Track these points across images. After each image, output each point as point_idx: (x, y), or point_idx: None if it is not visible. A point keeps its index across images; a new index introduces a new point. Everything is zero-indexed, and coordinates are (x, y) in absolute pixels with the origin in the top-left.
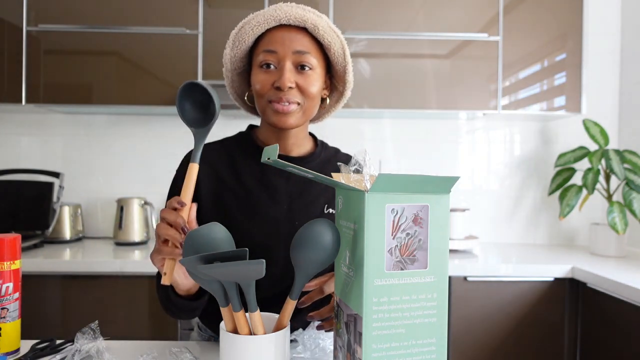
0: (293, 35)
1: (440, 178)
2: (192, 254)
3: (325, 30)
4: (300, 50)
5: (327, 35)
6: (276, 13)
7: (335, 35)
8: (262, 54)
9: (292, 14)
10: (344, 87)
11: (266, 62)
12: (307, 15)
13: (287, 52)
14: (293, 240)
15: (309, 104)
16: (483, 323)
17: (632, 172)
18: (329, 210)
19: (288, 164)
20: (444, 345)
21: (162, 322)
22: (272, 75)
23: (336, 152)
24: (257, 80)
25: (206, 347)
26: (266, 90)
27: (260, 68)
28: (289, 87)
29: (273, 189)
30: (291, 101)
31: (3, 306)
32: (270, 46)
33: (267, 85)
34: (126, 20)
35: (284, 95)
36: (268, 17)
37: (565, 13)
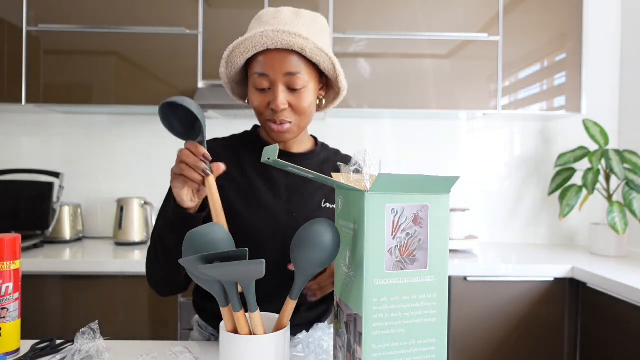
0: (282, 58)
1: (440, 178)
2: (192, 253)
3: (313, 51)
4: (290, 72)
5: (315, 56)
6: (263, 40)
7: (324, 54)
8: (254, 76)
9: (278, 40)
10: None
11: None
12: (293, 40)
13: (278, 75)
14: (293, 240)
15: (301, 119)
16: (483, 323)
17: (632, 172)
18: (326, 204)
19: (288, 164)
20: (444, 345)
21: (162, 322)
22: (267, 96)
23: (336, 153)
24: (253, 99)
25: (206, 347)
26: (263, 110)
27: (255, 89)
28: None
29: (273, 182)
30: (285, 121)
31: (3, 306)
32: (261, 70)
33: (262, 105)
34: (126, 20)
35: (277, 116)
36: (256, 43)
37: (565, 13)
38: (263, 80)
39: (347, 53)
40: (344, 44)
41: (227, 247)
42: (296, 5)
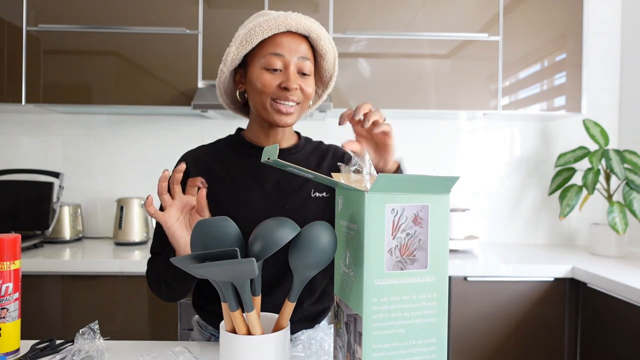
0: (298, 42)
1: (440, 178)
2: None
3: (325, 41)
4: (303, 56)
5: (325, 45)
6: (287, 21)
7: (332, 46)
8: (268, 56)
9: (301, 23)
10: (324, 91)
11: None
12: (313, 25)
13: (292, 57)
14: (291, 243)
15: (305, 104)
16: (483, 323)
17: (632, 172)
18: (315, 194)
19: (288, 164)
20: (444, 345)
21: (162, 322)
22: (278, 77)
23: (320, 143)
24: (261, 79)
25: (206, 347)
26: (270, 90)
27: (265, 70)
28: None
29: (262, 178)
30: (294, 100)
31: (3, 306)
32: (278, 50)
33: (272, 85)
34: (126, 20)
35: (290, 94)
36: (280, 23)
37: (565, 13)
38: (277, 60)
39: (347, 53)
40: (344, 44)
41: (235, 244)
42: (296, 5)
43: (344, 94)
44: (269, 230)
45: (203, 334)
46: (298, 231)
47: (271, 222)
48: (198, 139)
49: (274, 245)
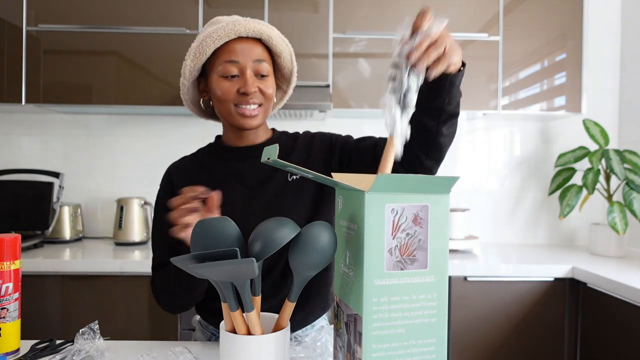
0: (251, 46)
1: (440, 178)
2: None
3: (277, 40)
4: (258, 59)
5: (278, 44)
6: (236, 28)
7: (285, 44)
8: (224, 64)
9: (250, 27)
10: (288, 86)
11: (230, 73)
12: (262, 28)
13: (248, 62)
14: (291, 244)
15: (267, 105)
16: (483, 323)
17: (632, 172)
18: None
19: (288, 164)
20: (444, 345)
21: (162, 322)
22: (235, 83)
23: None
24: (220, 87)
25: (206, 347)
26: (231, 96)
27: (223, 77)
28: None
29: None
30: (256, 103)
31: (3, 306)
32: (232, 57)
33: (231, 92)
34: (126, 20)
35: (250, 98)
36: (229, 31)
37: (565, 13)
38: (233, 67)
39: (347, 53)
40: (344, 44)
41: (235, 244)
42: (296, 6)
43: (344, 94)
44: (269, 230)
45: (205, 333)
46: (298, 231)
47: (271, 222)
48: (198, 139)
49: (274, 245)
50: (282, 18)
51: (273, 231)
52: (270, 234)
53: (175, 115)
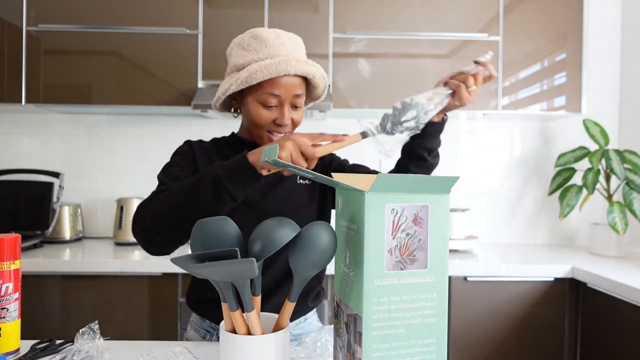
0: (295, 82)
1: (440, 178)
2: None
3: (319, 79)
4: (298, 94)
5: (319, 81)
6: (287, 68)
7: (324, 81)
8: (265, 95)
9: (299, 69)
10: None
11: (269, 104)
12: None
13: (288, 96)
14: (291, 243)
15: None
16: (483, 323)
17: (632, 172)
18: (300, 181)
19: (288, 164)
20: (443, 345)
21: (162, 322)
22: (273, 112)
23: None
24: (258, 114)
25: (206, 347)
26: (265, 124)
27: (261, 105)
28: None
29: None
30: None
31: (3, 306)
32: (274, 90)
33: (267, 120)
34: (126, 20)
35: (282, 129)
36: (280, 69)
37: (565, 13)
38: (273, 99)
39: (347, 53)
40: (344, 44)
41: (235, 244)
42: (296, 5)
43: (344, 94)
44: (269, 230)
45: (198, 331)
46: (298, 231)
47: (271, 222)
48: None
49: (274, 245)
50: (282, 18)
51: (273, 231)
52: (270, 234)
53: (175, 115)
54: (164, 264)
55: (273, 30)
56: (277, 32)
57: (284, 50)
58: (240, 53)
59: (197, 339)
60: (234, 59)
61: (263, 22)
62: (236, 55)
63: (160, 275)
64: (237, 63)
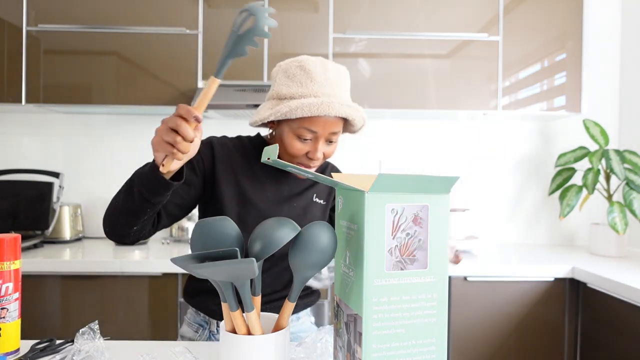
0: (333, 121)
1: (440, 178)
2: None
3: (358, 121)
4: (335, 132)
5: (357, 121)
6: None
7: (362, 120)
8: (302, 129)
9: (341, 112)
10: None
11: (305, 137)
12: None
13: (325, 133)
14: (291, 243)
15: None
16: (483, 323)
17: (632, 172)
18: (316, 199)
19: (288, 164)
20: (443, 345)
21: (162, 322)
22: (307, 145)
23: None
24: (291, 145)
25: (206, 347)
26: (298, 155)
27: (297, 137)
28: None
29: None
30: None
31: (3, 306)
32: (312, 127)
33: (300, 152)
34: (126, 20)
35: (313, 163)
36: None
37: (565, 13)
38: (309, 134)
39: (347, 53)
40: (344, 44)
41: (235, 244)
42: (296, 5)
43: None
44: (269, 230)
45: (191, 325)
46: (298, 231)
47: (271, 222)
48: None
49: (274, 245)
50: (282, 18)
51: (273, 231)
52: (270, 234)
53: None
54: (164, 264)
55: (321, 61)
56: (325, 65)
57: (328, 87)
58: (284, 82)
59: (190, 334)
60: (277, 87)
61: None
62: (280, 84)
63: (160, 275)
64: (280, 92)
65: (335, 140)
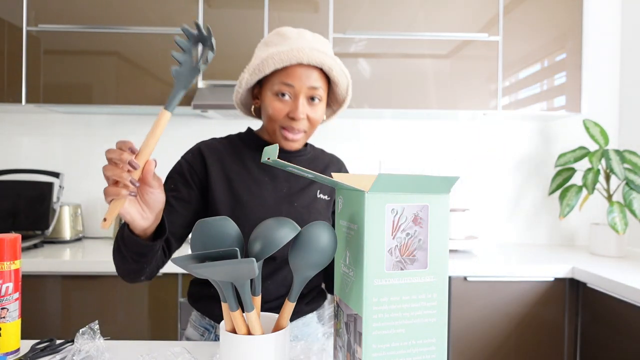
0: (310, 72)
1: (440, 178)
2: (199, 243)
3: (338, 72)
4: (313, 86)
5: (338, 76)
6: (299, 55)
7: (344, 75)
8: (279, 84)
9: (313, 58)
10: (338, 108)
11: (282, 92)
12: (325, 59)
13: (303, 87)
14: (291, 243)
15: (312, 129)
16: (483, 323)
17: (632, 172)
18: (320, 195)
19: (288, 164)
20: (443, 345)
21: (162, 322)
22: (287, 105)
23: (322, 151)
24: (272, 106)
25: (205, 347)
26: (280, 118)
27: (276, 96)
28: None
29: (274, 175)
30: (300, 130)
31: (3, 306)
32: (288, 80)
33: (281, 113)
34: (126, 20)
35: (296, 124)
36: (292, 57)
37: (565, 13)
38: (287, 89)
39: (347, 53)
40: (344, 44)
41: (235, 244)
42: (296, 6)
43: None
44: (269, 230)
45: (197, 328)
46: (298, 231)
47: (271, 222)
48: (198, 139)
49: (274, 245)
50: (282, 18)
51: (273, 231)
52: (270, 234)
53: (175, 115)
54: None
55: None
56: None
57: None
58: (262, 48)
59: (196, 337)
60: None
61: (263, 22)
62: (258, 51)
63: (160, 275)
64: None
65: (320, 99)
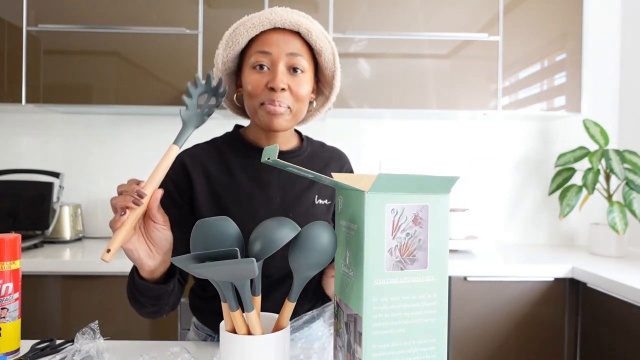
0: (287, 38)
1: (440, 178)
2: (199, 243)
3: (318, 35)
4: (293, 52)
5: (319, 40)
6: (272, 16)
7: (327, 42)
8: (255, 54)
9: (287, 18)
10: (331, 91)
11: (260, 63)
12: (301, 20)
13: (281, 54)
14: (291, 244)
15: (298, 107)
16: (483, 323)
17: (632, 172)
18: (319, 201)
19: (288, 164)
20: (444, 345)
21: (162, 322)
22: (265, 76)
23: (322, 145)
24: (249, 80)
25: (204, 347)
26: (259, 92)
27: (253, 69)
28: (281, 89)
29: (265, 183)
30: (283, 104)
31: (3, 306)
32: (264, 47)
33: (260, 86)
34: (126, 20)
35: (276, 97)
36: (263, 19)
37: (565, 13)
38: (264, 58)
39: (347, 53)
40: (344, 44)
41: (235, 244)
42: (296, 6)
43: (344, 94)
44: (269, 230)
45: (199, 334)
46: (298, 231)
47: (271, 222)
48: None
49: (274, 245)
50: None
51: (273, 231)
52: (270, 234)
53: (175, 115)
54: None
55: None
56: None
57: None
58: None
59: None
60: None
61: None
62: None
63: None
64: None
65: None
